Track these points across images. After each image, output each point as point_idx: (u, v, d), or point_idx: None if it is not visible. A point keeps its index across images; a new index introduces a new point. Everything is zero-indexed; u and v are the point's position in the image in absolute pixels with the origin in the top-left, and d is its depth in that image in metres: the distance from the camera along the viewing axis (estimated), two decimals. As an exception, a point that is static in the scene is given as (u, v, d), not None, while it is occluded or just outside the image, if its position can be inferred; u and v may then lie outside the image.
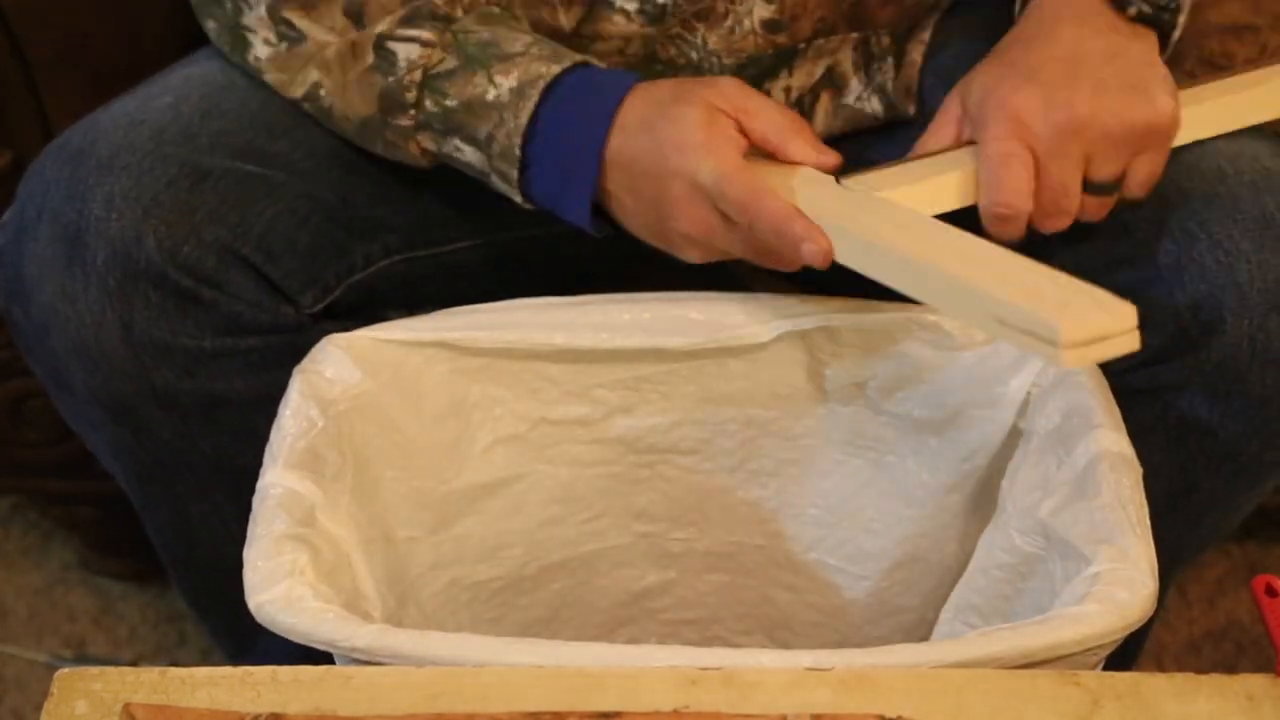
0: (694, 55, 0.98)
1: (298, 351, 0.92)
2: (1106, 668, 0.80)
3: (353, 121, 0.95)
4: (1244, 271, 0.89)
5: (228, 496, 1.01)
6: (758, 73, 0.99)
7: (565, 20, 0.97)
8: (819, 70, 1.01)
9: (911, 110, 1.02)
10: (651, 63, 0.98)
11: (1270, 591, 0.78)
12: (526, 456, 1.00)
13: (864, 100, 1.02)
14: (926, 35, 1.03)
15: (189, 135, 0.95)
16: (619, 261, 1.09)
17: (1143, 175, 0.88)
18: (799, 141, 0.89)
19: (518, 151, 0.90)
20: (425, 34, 0.91)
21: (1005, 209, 0.85)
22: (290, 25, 0.94)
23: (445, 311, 0.95)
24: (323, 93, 0.95)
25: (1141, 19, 0.89)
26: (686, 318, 0.95)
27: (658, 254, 1.14)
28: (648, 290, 0.97)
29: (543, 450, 1.00)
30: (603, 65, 0.94)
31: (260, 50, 0.96)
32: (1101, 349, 0.76)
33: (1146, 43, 0.89)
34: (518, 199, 0.92)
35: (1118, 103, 0.85)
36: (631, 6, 0.96)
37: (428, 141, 0.93)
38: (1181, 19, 0.90)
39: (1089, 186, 0.87)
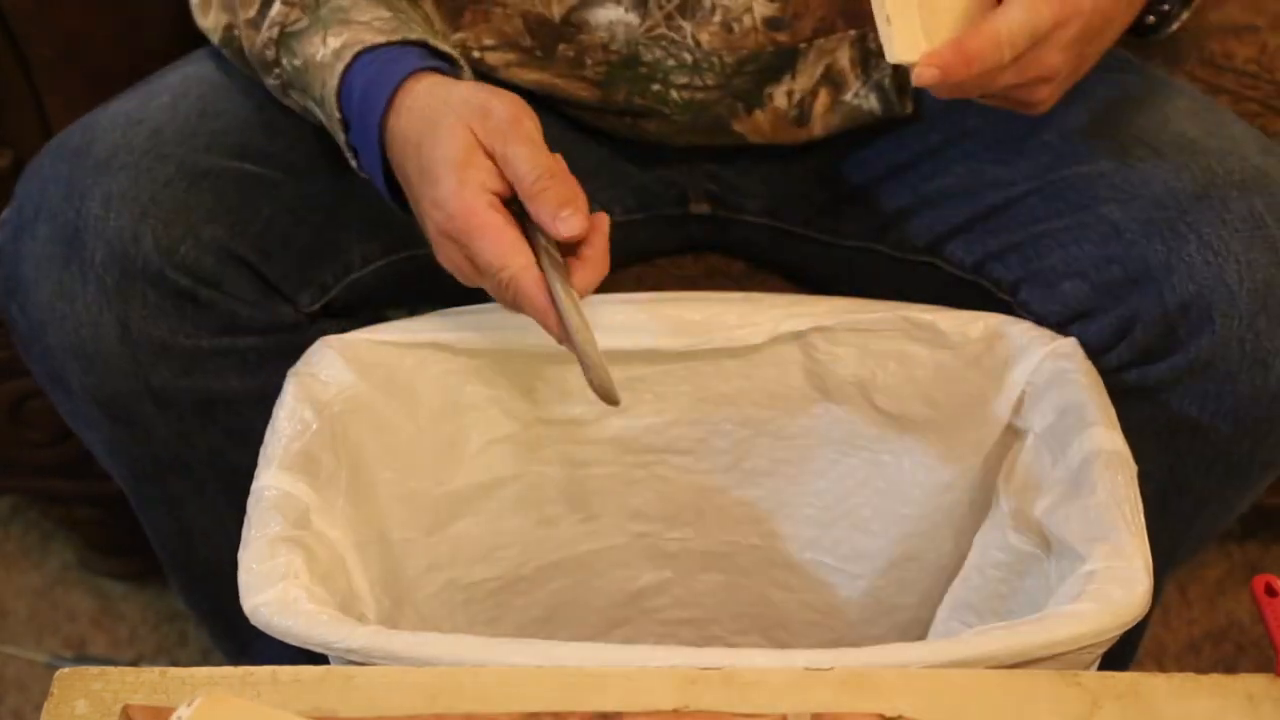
0: (687, 56, 0.98)
1: (295, 351, 0.92)
2: (1104, 666, 0.80)
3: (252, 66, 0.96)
4: (1233, 272, 0.89)
5: (225, 495, 1.01)
6: (757, 71, 0.99)
7: (556, 9, 0.97)
8: (819, 70, 1.01)
9: (909, 107, 1.02)
10: (635, 65, 0.98)
11: (1270, 591, 0.78)
12: (521, 457, 1.00)
13: (861, 98, 1.02)
14: None
15: (187, 135, 0.95)
16: (616, 262, 1.09)
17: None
18: (540, 209, 0.84)
19: (337, 114, 0.90)
20: None
21: (1006, 48, 0.82)
22: None
23: (439, 313, 0.95)
24: (236, 34, 0.96)
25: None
26: (682, 318, 0.95)
27: (651, 255, 1.14)
28: (643, 290, 0.97)
29: (538, 451, 1.00)
30: (446, 45, 0.92)
31: None
32: None
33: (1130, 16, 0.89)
34: (354, 164, 0.92)
35: (1060, 88, 0.86)
36: None
37: (296, 97, 0.94)
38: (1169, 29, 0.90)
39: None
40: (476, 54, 1.00)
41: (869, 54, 1.01)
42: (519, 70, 1.01)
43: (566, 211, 0.83)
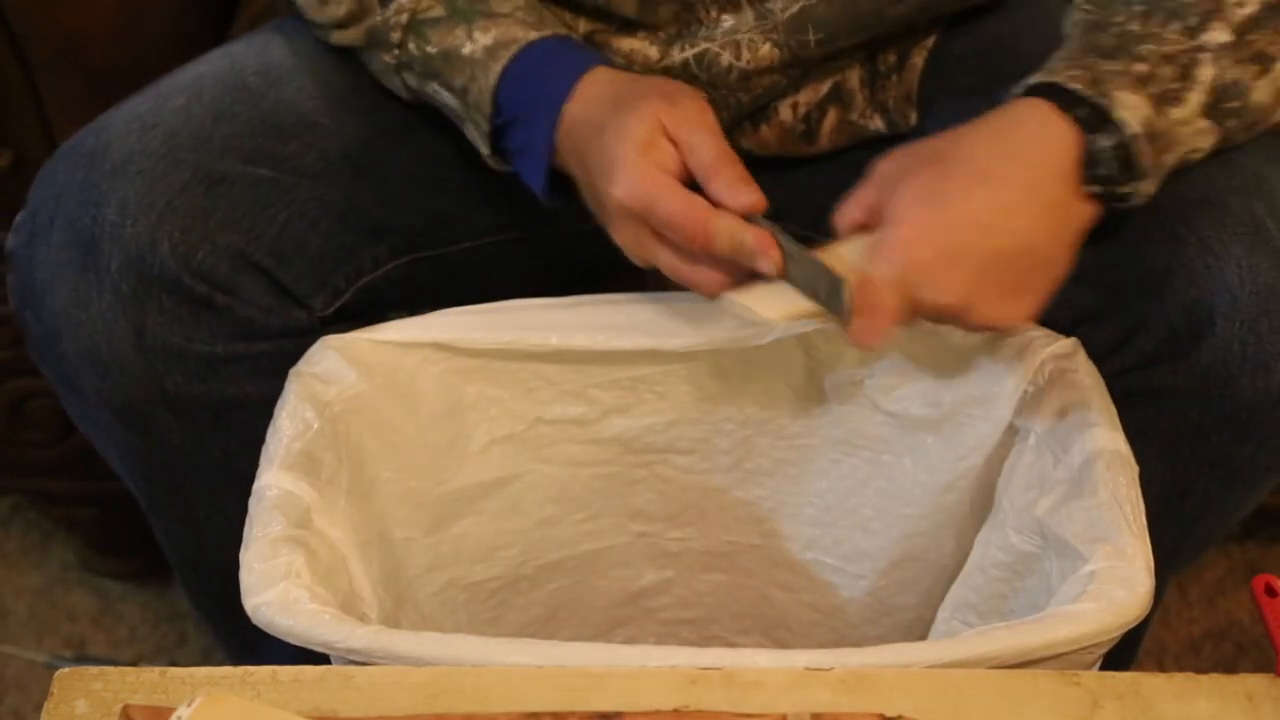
0: (703, 92, 0.98)
1: (308, 355, 0.92)
2: (1105, 667, 0.80)
3: (354, 46, 0.97)
4: (1234, 275, 0.88)
5: (236, 500, 1.00)
6: (764, 94, 0.99)
7: (583, 26, 0.97)
8: (826, 87, 1.01)
9: (913, 120, 1.02)
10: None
11: (1270, 591, 0.78)
12: (523, 457, 1.00)
13: (867, 117, 1.02)
14: (930, 41, 1.03)
15: (202, 139, 0.94)
16: (620, 262, 1.09)
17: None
18: (719, 182, 0.86)
19: (488, 109, 0.91)
20: None
21: (859, 338, 0.84)
22: None
23: (441, 312, 0.95)
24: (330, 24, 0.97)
25: (1097, 197, 0.85)
26: (684, 318, 0.95)
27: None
28: (646, 291, 0.97)
29: (539, 450, 1.00)
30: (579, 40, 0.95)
31: None
32: None
33: (1079, 222, 0.85)
34: (486, 152, 0.94)
35: (991, 306, 0.83)
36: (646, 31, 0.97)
37: (410, 79, 0.95)
38: (1146, 188, 0.85)
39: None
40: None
41: (877, 75, 1.01)
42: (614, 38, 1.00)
43: (744, 185, 0.86)
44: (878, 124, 1.02)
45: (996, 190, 0.83)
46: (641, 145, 0.86)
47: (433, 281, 1.04)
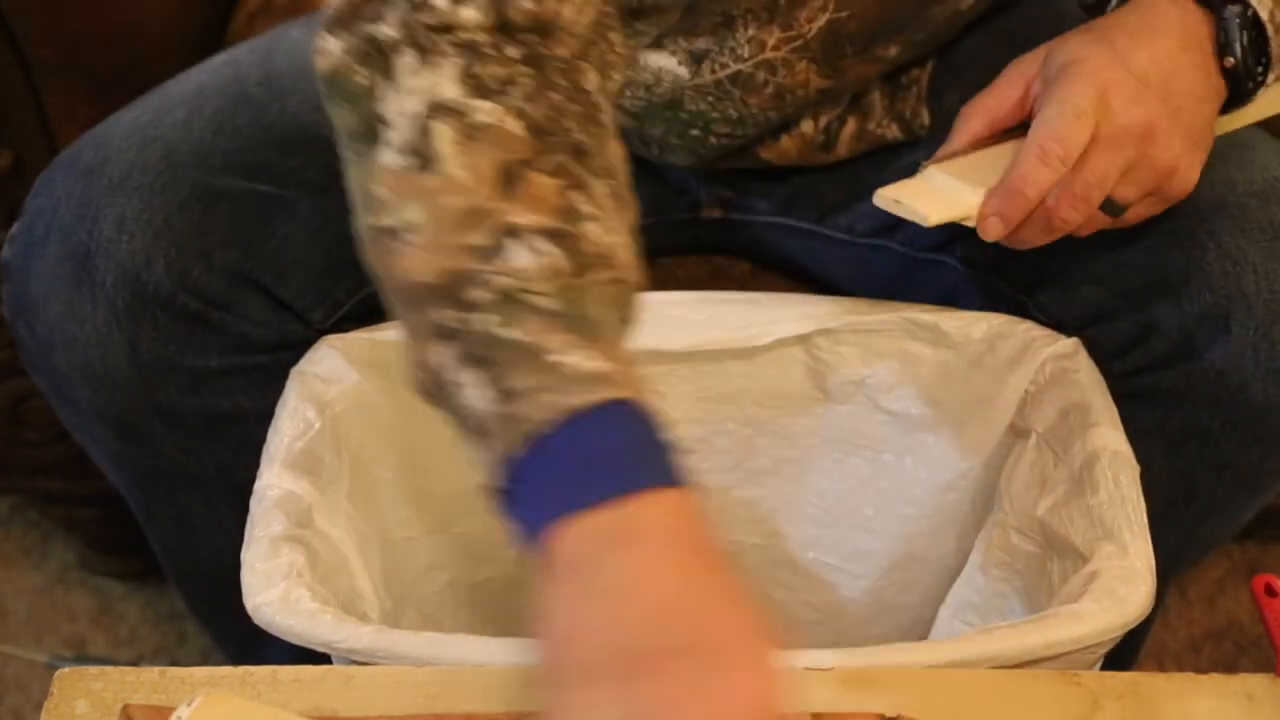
0: (733, 113, 0.97)
1: (304, 365, 0.92)
2: (1106, 667, 0.80)
3: (397, 281, 0.73)
4: (1250, 281, 0.88)
5: (231, 509, 1.00)
6: (794, 112, 0.99)
7: None
8: (846, 99, 1.01)
9: (926, 121, 1.02)
10: (677, 109, 0.97)
11: (1270, 591, 0.78)
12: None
13: (884, 126, 1.02)
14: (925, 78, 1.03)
15: (202, 155, 0.93)
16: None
17: (1135, 215, 0.87)
18: None
19: (550, 428, 0.66)
20: (556, 254, 0.68)
21: (1055, 148, 0.82)
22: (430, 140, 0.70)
23: (443, 312, 0.95)
24: (410, 237, 0.71)
25: (1229, 74, 0.87)
26: (685, 319, 0.95)
27: (655, 255, 1.13)
28: (646, 291, 0.97)
29: (540, 450, 0.99)
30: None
31: (385, 156, 0.71)
32: None
33: (1218, 102, 0.87)
34: (490, 464, 0.71)
35: (1180, 143, 0.84)
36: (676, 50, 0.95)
37: (439, 354, 0.70)
38: (1260, 94, 0.88)
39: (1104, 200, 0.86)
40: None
41: (898, 88, 1.01)
42: None
43: None
44: (895, 132, 1.02)
45: (1160, 45, 0.85)
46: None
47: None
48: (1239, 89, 0.87)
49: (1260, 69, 0.87)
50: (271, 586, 0.78)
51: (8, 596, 1.47)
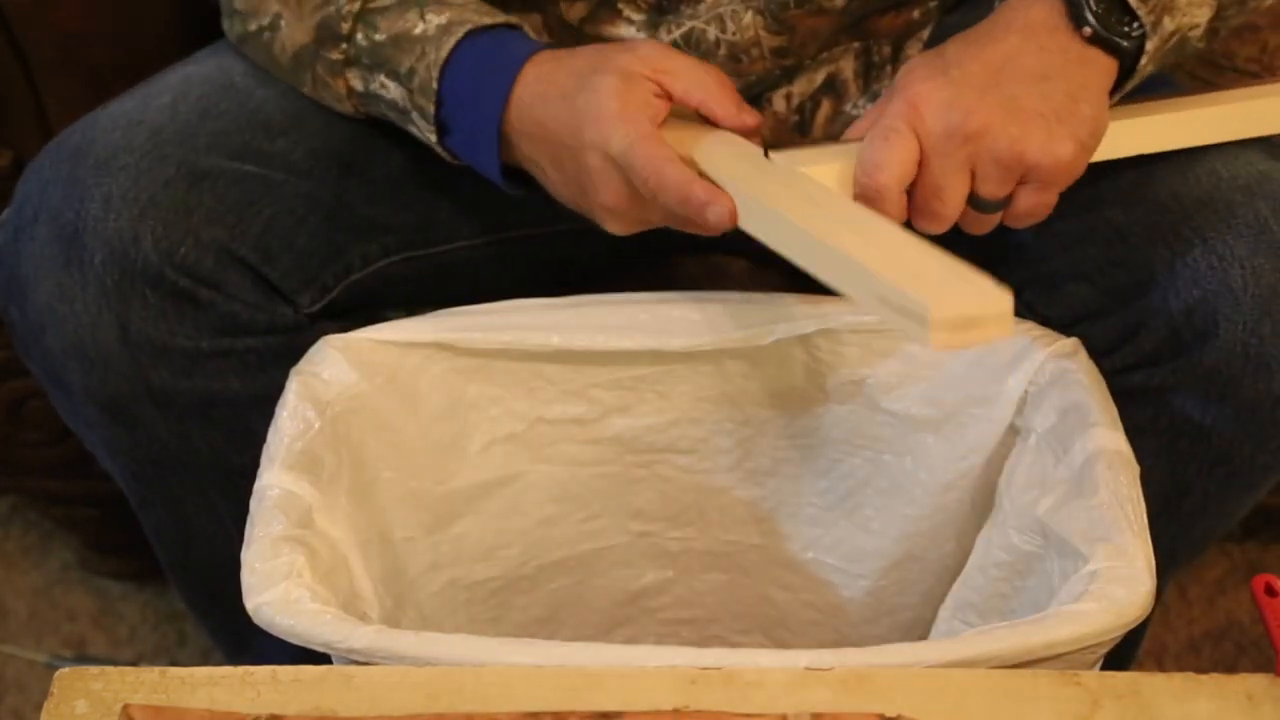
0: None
1: (295, 351, 0.92)
2: (1105, 667, 0.80)
3: (289, 53, 0.95)
4: (1237, 276, 0.88)
5: (224, 496, 1.01)
6: (758, 82, 0.99)
7: (573, 14, 0.97)
8: (820, 78, 1.01)
9: None
10: None
11: (1270, 591, 0.78)
12: (523, 456, 1.00)
13: (860, 109, 1.02)
14: (925, 34, 1.03)
15: (187, 135, 0.95)
16: (617, 262, 1.09)
17: (1022, 208, 0.86)
18: (720, 99, 0.88)
19: (435, 85, 0.90)
20: None
21: (868, 180, 0.83)
22: None
23: (442, 312, 0.95)
24: (282, 23, 0.94)
25: (1097, 41, 0.86)
26: (684, 319, 0.95)
27: (653, 255, 1.14)
28: (646, 290, 0.97)
29: (540, 450, 1.00)
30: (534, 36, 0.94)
31: None
32: (973, 334, 0.73)
33: (1091, 72, 0.86)
34: (433, 139, 0.92)
35: (1017, 127, 0.83)
36: (633, 13, 0.96)
37: (355, 79, 0.93)
38: (1150, 46, 0.86)
39: (972, 199, 0.85)
40: None
41: (871, 65, 1.01)
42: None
43: (744, 109, 0.88)
44: None
45: (997, 45, 0.86)
46: (618, 92, 0.85)
47: (428, 281, 1.04)
48: (1118, 51, 0.86)
49: (1127, 26, 0.86)
50: (272, 587, 0.78)
51: (8, 596, 1.47)
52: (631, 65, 0.87)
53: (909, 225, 0.84)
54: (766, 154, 0.88)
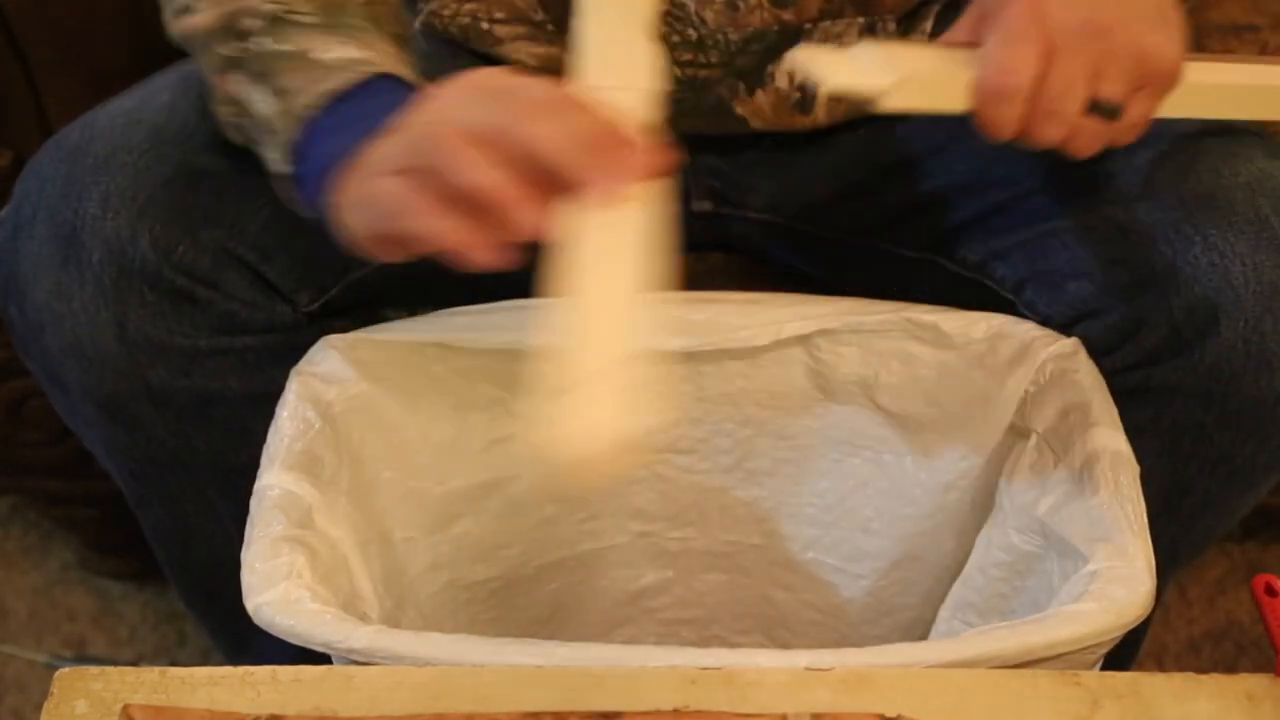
0: (692, 33, 0.97)
1: (294, 350, 0.92)
2: (1105, 667, 0.80)
3: (198, 35, 0.89)
4: (1238, 274, 0.88)
5: (223, 495, 1.01)
6: (762, 50, 0.99)
7: None
8: (813, 36, 1.00)
9: None
10: None
11: (1270, 591, 0.78)
12: (523, 456, 0.99)
13: None
14: (929, 25, 1.03)
15: (186, 134, 0.95)
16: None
17: (1137, 113, 0.83)
18: None
19: (317, 108, 0.81)
20: None
21: (1002, 81, 0.80)
22: None
23: (442, 312, 0.95)
24: (197, 4, 0.89)
25: None
26: (685, 319, 0.95)
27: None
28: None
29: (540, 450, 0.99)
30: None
31: None
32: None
33: None
34: (284, 164, 0.84)
35: (1140, 25, 0.81)
36: None
37: (234, 80, 0.86)
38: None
39: (1091, 105, 0.82)
40: (485, 25, 1.00)
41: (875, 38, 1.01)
42: (527, 45, 1.00)
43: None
44: None
45: None
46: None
47: (427, 280, 1.04)
48: None
49: None
50: (272, 587, 0.78)
51: (8, 596, 1.47)
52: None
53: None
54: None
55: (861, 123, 1.03)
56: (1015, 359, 0.92)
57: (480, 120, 0.71)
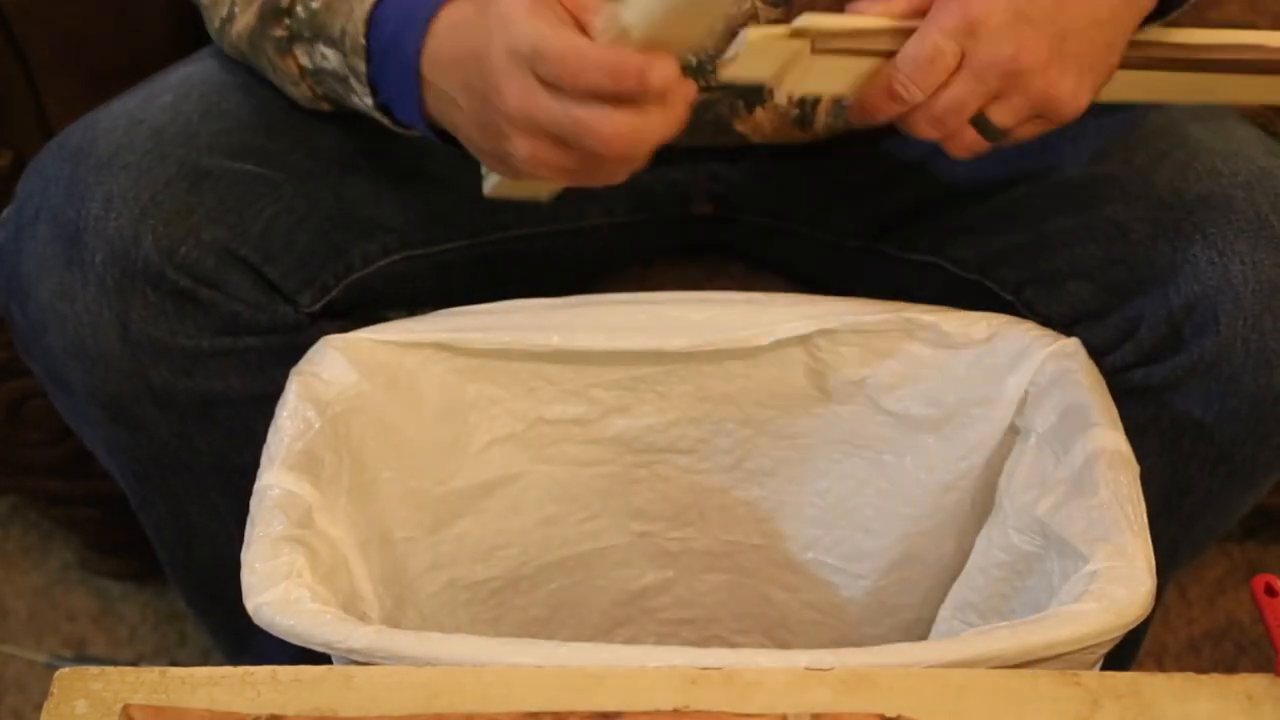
0: (691, 58, 0.97)
1: (296, 351, 0.92)
2: (1105, 667, 0.80)
3: (245, 39, 0.93)
4: (1238, 272, 0.88)
5: (225, 495, 1.01)
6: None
7: None
8: None
9: None
10: None
11: (1270, 591, 0.78)
12: (523, 456, 1.00)
13: None
14: None
15: (188, 135, 0.95)
16: (617, 262, 1.09)
17: (1020, 135, 0.85)
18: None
19: (362, 40, 0.87)
20: None
21: (902, 90, 0.81)
22: None
23: (442, 312, 0.95)
24: (236, 9, 0.94)
25: None
26: (685, 319, 0.95)
27: (650, 256, 1.13)
28: (646, 291, 0.97)
29: (540, 450, 1.00)
30: None
31: None
32: None
33: (1136, 15, 0.85)
34: (370, 101, 0.89)
35: (1056, 69, 0.82)
36: None
37: (301, 55, 0.91)
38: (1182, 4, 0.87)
39: (977, 120, 0.83)
40: None
41: None
42: None
43: None
44: None
45: None
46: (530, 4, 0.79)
47: (428, 280, 1.04)
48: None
49: None
50: (272, 587, 0.78)
51: (8, 596, 1.47)
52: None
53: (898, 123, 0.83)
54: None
55: (861, 135, 1.03)
56: (1015, 359, 0.92)
57: (549, 124, 0.78)
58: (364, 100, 0.89)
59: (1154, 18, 0.87)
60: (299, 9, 0.90)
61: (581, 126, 0.77)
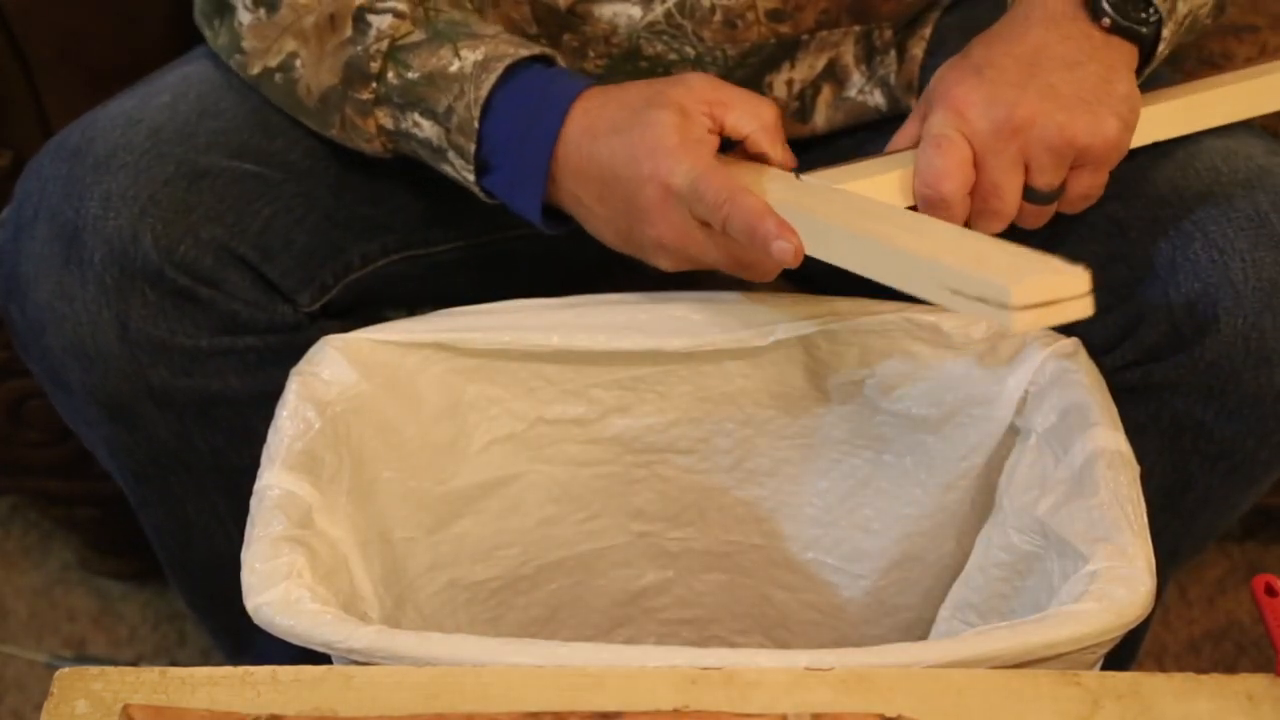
0: (690, 50, 0.98)
1: (295, 350, 0.92)
2: (1105, 667, 0.80)
3: (314, 95, 0.93)
4: (1238, 270, 0.89)
5: (224, 495, 1.01)
6: (759, 63, 0.99)
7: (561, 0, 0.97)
8: (820, 63, 1.01)
9: (914, 104, 1.02)
10: (635, 58, 0.98)
11: (1270, 591, 0.78)
12: (523, 456, 1.00)
13: (866, 94, 1.02)
14: (928, 31, 1.03)
15: (186, 134, 0.95)
16: (617, 262, 1.09)
17: (1076, 192, 0.88)
18: (771, 132, 0.89)
19: (475, 124, 0.88)
20: (399, 5, 0.91)
21: (930, 191, 0.85)
22: None
23: (442, 312, 0.95)
24: (298, 63, 0.93)
25: (1117, 30, 0.88)
26: (685, 319, 0.95)
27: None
28: (645, 291, 0.97)
29: (539, 450, 1.00)
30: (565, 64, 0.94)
31: (242, 16, 0.94)
32: (1053, 313, 0.76)
33: (1117, 56, 0.88)
34: (471, 178, 0.91)
35: (1062, 113, 0.84)
36: None
37: (385, 118, 0.92)
38: (1166, 31, 0.89)
39: (1027, 192, 0.87)
40: None
41: (873, 50, 1.01)
42: None
43: (788, 148, 0.90)
44: (878, 100, 1.02)
45: (1022, 39, 0.87)
46: (676, 126, 0.86)
47: (427, 280, 1.04)
48: (1138, 38, 0.89)
49: (1144, 12, 0.88)
50: (272, 587, 0.78)
51: (8, 596, 1.47)
52: (686, 99, 0.87)
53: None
54: (797, 176, 0.89)
55: (860, 128, 1.03)
56: (1015, 359, 0.92)
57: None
58: (462, 175, 0.91)
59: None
60: (390, 75, 0.90)
61: (738, 264, 0.87)
